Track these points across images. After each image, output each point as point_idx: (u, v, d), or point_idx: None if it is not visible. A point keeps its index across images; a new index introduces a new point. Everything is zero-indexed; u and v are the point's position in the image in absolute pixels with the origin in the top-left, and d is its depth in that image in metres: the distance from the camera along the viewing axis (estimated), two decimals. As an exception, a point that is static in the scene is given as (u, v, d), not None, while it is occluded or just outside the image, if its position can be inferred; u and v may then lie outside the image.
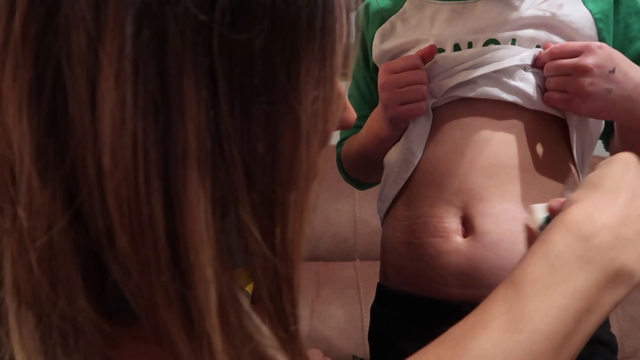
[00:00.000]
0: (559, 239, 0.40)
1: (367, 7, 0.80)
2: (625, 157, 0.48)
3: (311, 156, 0.30)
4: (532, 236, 0.62)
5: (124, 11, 0.25)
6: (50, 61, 0.27)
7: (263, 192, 0.29)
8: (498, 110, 0.66)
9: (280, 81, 0.28)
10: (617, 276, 0.39)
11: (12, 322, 0.28)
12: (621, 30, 0.69)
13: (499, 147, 0.65)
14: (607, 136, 0.76)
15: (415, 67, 0.67)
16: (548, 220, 0.54)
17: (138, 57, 0.26)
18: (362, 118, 0.80)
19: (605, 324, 0.67)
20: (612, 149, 0.77)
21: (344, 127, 0.39)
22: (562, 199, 0.51)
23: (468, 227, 0.64)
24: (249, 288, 0.86)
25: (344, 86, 0.36)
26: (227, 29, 0.27)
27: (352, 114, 0.39)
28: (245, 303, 0.30)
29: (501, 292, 0.40)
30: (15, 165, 0.28)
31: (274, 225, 0.30)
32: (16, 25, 0.27)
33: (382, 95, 0.69)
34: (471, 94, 0.67)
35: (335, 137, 0.93)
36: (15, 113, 0.27)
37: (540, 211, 0.55)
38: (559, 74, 0.63)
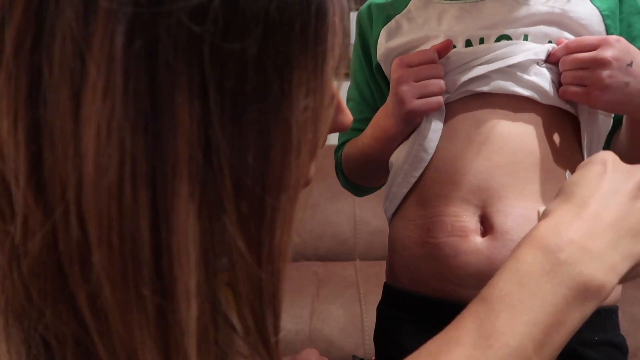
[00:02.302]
0: (526, 255, 0.42)
1: (369, 6, 0.80)
2: (604, 158, 0.47)
3: (301, 165, 0.30)
4: None
5: (115, 22, 0.25)
6: (40, 71, 0.26)
7: (251, 202, 0.29)
8: (513, 105, 0.66)
9: (272, 90, 0.28)
10: (585, 290, 0.39)
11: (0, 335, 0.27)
12: (624, 28, 0.69)
13: (517, 143, 0.64)
14: (609, 134, 0.75)
15: (431, 61, 0.66)
16: None
17: (129, 68, 0.25)
18: (364, 121, 0.79)
19: (615, 327, 0.67)
20: (614, 148, 0.76)
21: (339, 129, 0.38)
22: None
23: (487, 226, 0.63)
24: None
25: (340, 87, 0.35)
26: (220, 39, 0.26)
27: (348, 117, 0.39)
28: (224, 318, 0.30)
29: (472, 308, 0.41)
30: (10, 179, 0.27)
31: (261, 235, 0.30)
32: (9, 36, 0.26)
33: (398, 89, 0.68)
34: (485, 88, 0.66)
35: (334, 140, 0.91)
36: (10, 125, 0.27)
37: None
38: (576, 67, 0.63)
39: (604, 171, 0.45)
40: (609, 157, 0.48)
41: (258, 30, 0.27)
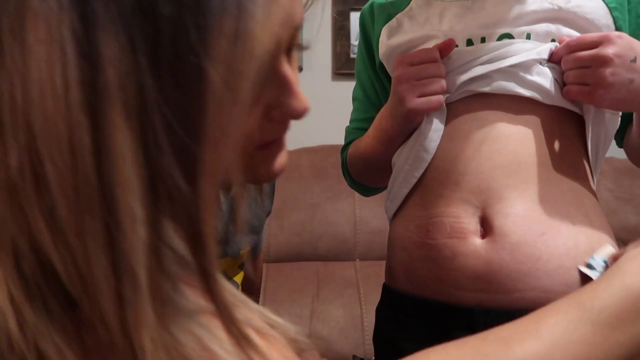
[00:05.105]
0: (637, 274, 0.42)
1: (371, 5, 0.79)
2: None
3: (223, 116, 0.31)
4: (553, 240, 0.61)
5: None
6: None
7: (178, 142, 0.30)
8: (515, 105, 0.65)
9: (190, 36, 0.29)
10: None
11: None
12: (633, 19, 0.68)
13: (518, 143, 0.64)
14: (619, 132, 0.74)
15: (433, 60, 0.65)
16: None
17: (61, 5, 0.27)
18: (368, 120, 0.79)
19: None
20: (627, 146, 0.75)
21: (294, 117, 0.38)
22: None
23: (487, 227, 0.62)
24: (238, 278, 0.84)
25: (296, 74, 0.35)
26: None
27: (302, 103, 0.37)
28: (171, 251, 0.31)
29: (565, 308, 0.42)
30: None
31: (196, 166, 0.31)
32: None
33: (399, 87, 0.67)
34: (486, 89, 0.65)
35: (334, 140, 0.91)
36: None
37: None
38: (578, 66, 0.62)
39: None
40: None
41: None
